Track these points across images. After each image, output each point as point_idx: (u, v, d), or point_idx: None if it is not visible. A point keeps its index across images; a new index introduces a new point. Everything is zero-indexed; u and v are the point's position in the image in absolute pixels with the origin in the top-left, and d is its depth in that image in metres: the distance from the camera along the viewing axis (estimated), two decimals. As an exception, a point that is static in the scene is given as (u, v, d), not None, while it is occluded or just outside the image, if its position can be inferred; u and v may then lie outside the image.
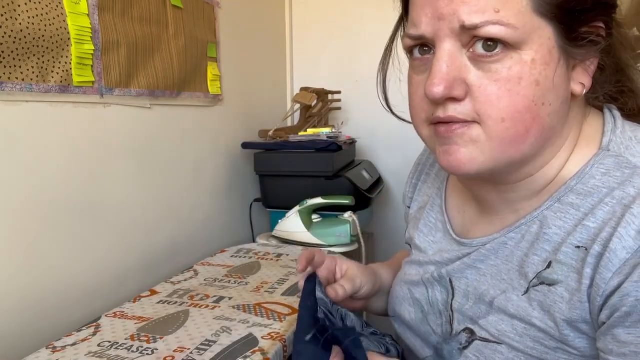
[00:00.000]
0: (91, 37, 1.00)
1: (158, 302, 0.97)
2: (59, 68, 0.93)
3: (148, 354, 0.76)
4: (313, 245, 1.41)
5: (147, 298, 1.00)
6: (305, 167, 1.54)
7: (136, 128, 1.17)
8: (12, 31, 0.83)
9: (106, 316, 0.91)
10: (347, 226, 1.41)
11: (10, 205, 0.86)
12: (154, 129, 1.23)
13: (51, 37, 0.90)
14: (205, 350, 0.77)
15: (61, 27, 0.93)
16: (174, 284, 1.08)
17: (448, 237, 0.63)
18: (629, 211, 0.43)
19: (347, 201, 1.40)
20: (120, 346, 0.79)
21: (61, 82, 0.93)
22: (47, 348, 0.79)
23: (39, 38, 0.88)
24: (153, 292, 1.03)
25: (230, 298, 0.99)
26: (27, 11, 0.86)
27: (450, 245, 0.62)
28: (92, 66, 1.01)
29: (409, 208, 0.77)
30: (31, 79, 0.88)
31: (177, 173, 1.33)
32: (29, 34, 0.86)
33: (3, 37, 0.82)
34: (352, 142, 1.84)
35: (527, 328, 0.49)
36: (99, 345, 0.80)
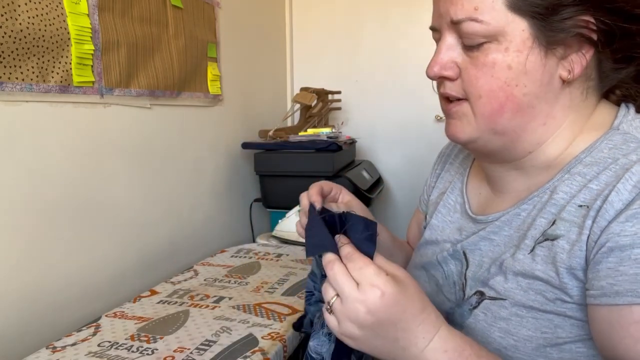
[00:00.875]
0: (91, 37, 1.00)
1: (158, 302, 0.97)
2: (59, 68, 0.93)
3: (148, 354, 0.76)
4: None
5: (147, 298, 1.00)
6: (305, 167, 1.54)
7: (136, 128, 1.17)
8: (12, 31, 0.83)
9: (106, 316, 0.91)
10: (347, 226, 1.40)
11: (10, 204, 0.86)
12: (154, 129, 1.23)
13: (51, 37, 0.90)
14: (205, 350, 0.77)
15: (61, 27, 0.93)
16: (174, 284, 1.08)
17: (465, 216, 0.68)
18: (629, 170, 0.49)
19: (347, 201, 1.40)
20: (120, 346, 0.79)
21: (61, 82, 0.93)
22: (47, 348, 0.80)
23: (39, 38, 0.88)
24: (153, 292, 1.03)
25: (230, 298, 0.99)
26: (27, 11, 0.86)
27: (466, 223, 0.67)
28: (92, 66, 1.01)
29: (429, 197, 0.81)
30: (31, 79, 0.88)
31: (177, 173, 1.33)
32: (29, 34, 0.86)
33: (3, 37, 0.82)
34: (352, 142, 1.84)
35: (530, 282, 0.54)
36: (99, 345, 0.80)
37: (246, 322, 0.87)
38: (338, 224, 0.53)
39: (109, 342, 0.81)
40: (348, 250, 0.49)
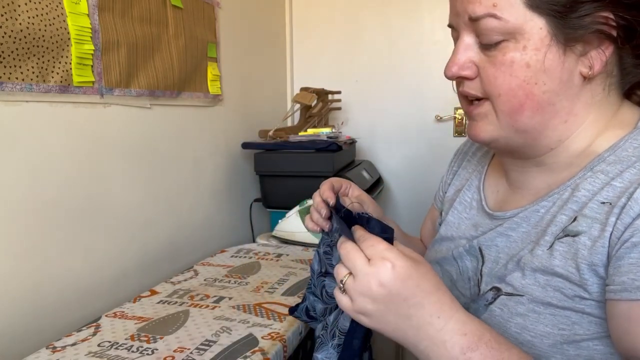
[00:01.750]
0: (91, 37, 1.00)
1: (158, 302, 0.97)
2: (59, 68, 0.93)
3: (148, 354, 0.76)
4: (313, 245, 1.41)
5: (147, 298, 1.00)
6: (305, 167, 1.54)
7: (136, 128, 1.17)
8: (12, 31, 0.83)
9: (106, 316, 0.91)
10: (347, 226, 1.40)
11: (10, 204, 0.86)
12: (154, 129, 1.23)
13: (51, 37, 0.90)
14: (205, 350, 0.77)
15: (61, 27, 0.93)
16: (174, 284, 1.08)
17: (482, 212, 0.68)
18: None
19: (347, 201, 1.40)
20: (120, 346, 0.79)
21: (61, 82, 0.93)
22: (47, 348, 0.79)
23: (39, 38, 0.88)
24: (153, 292, 1.03)
25: (230, 298, 0.99)
26: (27, 11, 0.86)
27: (483, 219, 0.67)
28: (92, 66, 1.01)
29: (445, 194, 0.81)
30: (31, 79, 0.88)
31: (177, 173, 1.33)
32: (29, 34, 0.86)
33: (3, 37, 0.82)
34: (352, 142, 1.84)
35: (549, 279, 0.53)
36: (99, 345, 0.80)
37: (246, 322, 0.87)
38: (358, 221, 0.54)
39: (109, 342, 0.81)
40: (361, 232, 0.50)
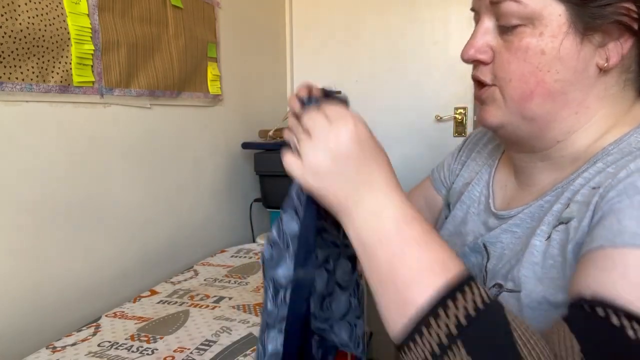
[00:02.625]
0: (91, 37, 1.00)
1: (158, 302, 0.97)
2: (59, 68, 0.93)
3: (148, 354, 0.76)
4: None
5: (147, 298, 1.00)
6: (305, 167, 1.54)
7: (136, 128, 1.17)
8: (12, 31, 0.83)
9: (106, 316, 0.91)
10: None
11: (10, 204, 0.86)
12: (154, 129, 1.23)
13: (51, 37, 0.90)
14: (205, 350, 0.77)
15: (61, 27, 0.93)
16: (174, 284, 1.08)
17: (488, 211, 0.68)
18: None
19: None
20: (120, 346, 0.79)
21: (61, 82, 0.93)
22: (47, 348, 0.80)
23: (39, 38, 0.88)
24: (153, 292, 1.03)
25: (230, 298, 0.99)
26: (27, 11, 0.86)
27: (489, 217, 0.67)
28: (92, 66, 1.01)
29: (452, 184, 0.80)
30: (31, 79, 0.88)
31: (177, 173, 1.33)
32: (29, 34, 0.86)
33: (3, 37, 0.82)
34: (352, 142, 1.83)
35: (546, 271, 0.53)
36: (99, 345, 0.80)
37: (246, 322, 0.87)
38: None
39: (109, 342, 0.81)
40: (325, 100, 0.52)
